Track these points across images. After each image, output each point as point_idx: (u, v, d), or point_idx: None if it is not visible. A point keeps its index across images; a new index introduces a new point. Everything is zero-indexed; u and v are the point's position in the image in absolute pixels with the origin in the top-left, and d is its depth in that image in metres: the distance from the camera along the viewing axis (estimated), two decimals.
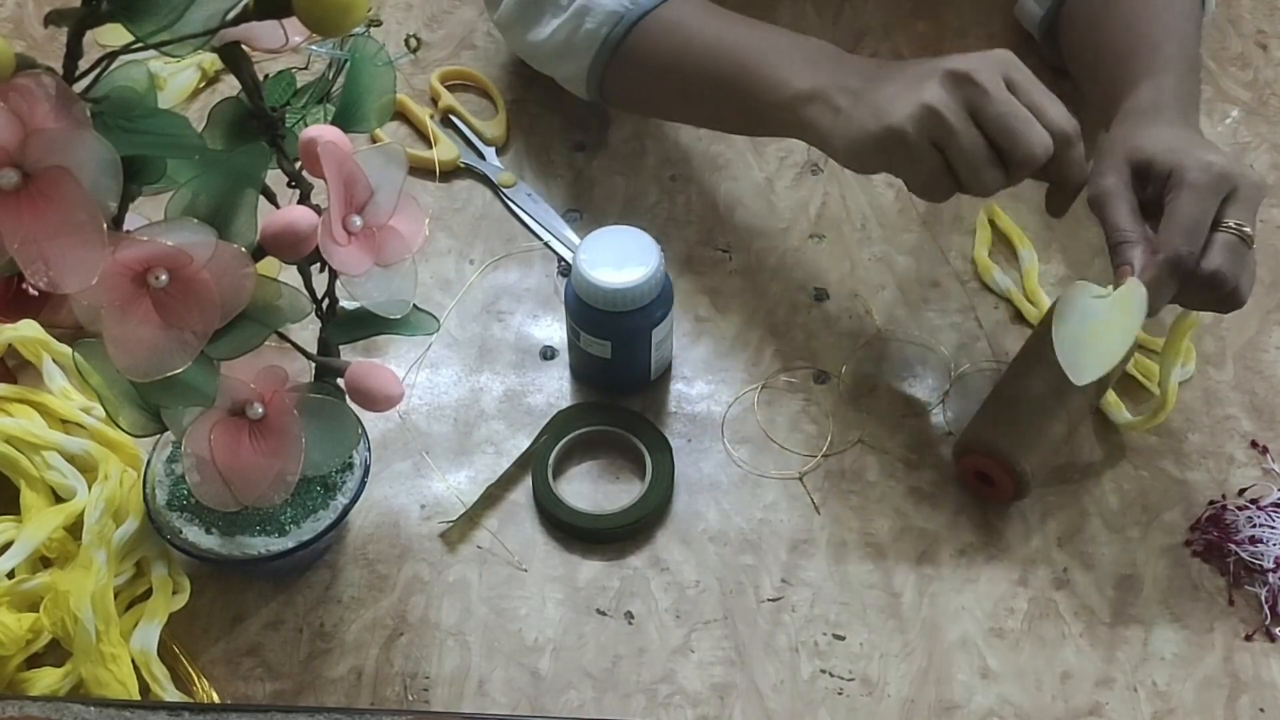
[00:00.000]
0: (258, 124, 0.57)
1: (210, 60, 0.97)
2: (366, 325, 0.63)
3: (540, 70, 0.91)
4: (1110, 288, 0.70)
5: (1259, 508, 0.75)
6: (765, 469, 0.78)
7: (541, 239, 0.89)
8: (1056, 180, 0.72)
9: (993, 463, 0.73)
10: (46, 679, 0.67)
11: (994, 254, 0.88)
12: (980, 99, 0.68)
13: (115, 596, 0.68)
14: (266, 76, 0.59)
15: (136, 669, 0.67)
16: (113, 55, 0.52)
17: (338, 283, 0.62)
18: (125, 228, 0.54)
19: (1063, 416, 0.74)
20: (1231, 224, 0.68)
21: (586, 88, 0.87)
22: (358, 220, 0.57)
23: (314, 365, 0.63)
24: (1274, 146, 0.96)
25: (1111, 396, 0.79)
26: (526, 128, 0.96)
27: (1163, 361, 0.75)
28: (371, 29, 0.61)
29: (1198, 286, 0.69)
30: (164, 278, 0.53)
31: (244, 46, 0.55)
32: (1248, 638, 0.71)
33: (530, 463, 0.77)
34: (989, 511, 0.76)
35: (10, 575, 0.69)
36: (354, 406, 0.63)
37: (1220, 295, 0.69)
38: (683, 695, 0.69)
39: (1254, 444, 0.79)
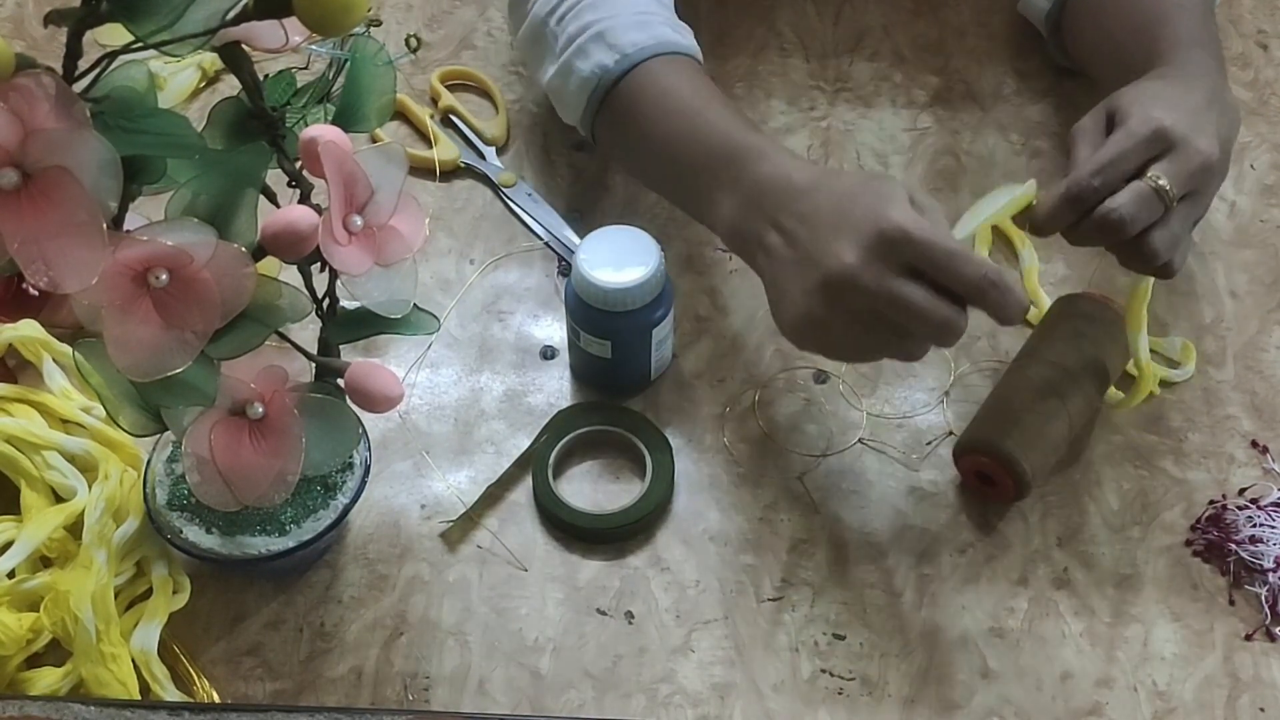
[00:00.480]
0: (258, 124, 0.57)
1: (210, 60, 0.97)
2: (367, 325, 0.63)
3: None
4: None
5: (1259, 507, 0.75)
6: (765, 469, 0.78)
7: (542, 239, 0.89)
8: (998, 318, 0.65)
9: (993, 463, 0.73)
10: (47, 679, 0.67)
11: (994, 254, 0.88)
12: (863, 303, 0.64)
13: (115, 596, 0.68)
14: (267, 76, 0.59)
15: (137, 669, 0.67)
16: (113, 55, 0.52)
17: (338, 282, 0.62)
18: (125, 227, 0.54)
19: (1063, 416, 0.74)
20: (1151, 175, 0.67)
21: (584, 131, 0.85)
22: (358, 220, 0.57)
23: (314, 365, 0.63)
24: (1274, 146, 0.96)
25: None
26: (527, 127, 0.96)
27: (1127, 330, 0.75)
28: (371, 29, 0.61)
29: (1095, 226, 0.67)
30: (164, 277, 0.53)
31: (244, 46, 0.56)
32: (1248, 637, 0.71)
33: (530, 462, 0.78)
34: (989, 511, 0.76)
35: (11, 575, 0.69)
36: (354, 406, 0.63)
37: (1129, 248, 0.68)
38: (683, 695, 0.69)
39: (1254, 444, 0.79)
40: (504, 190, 0.92)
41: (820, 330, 0.67)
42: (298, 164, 0.58)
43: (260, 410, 0.61)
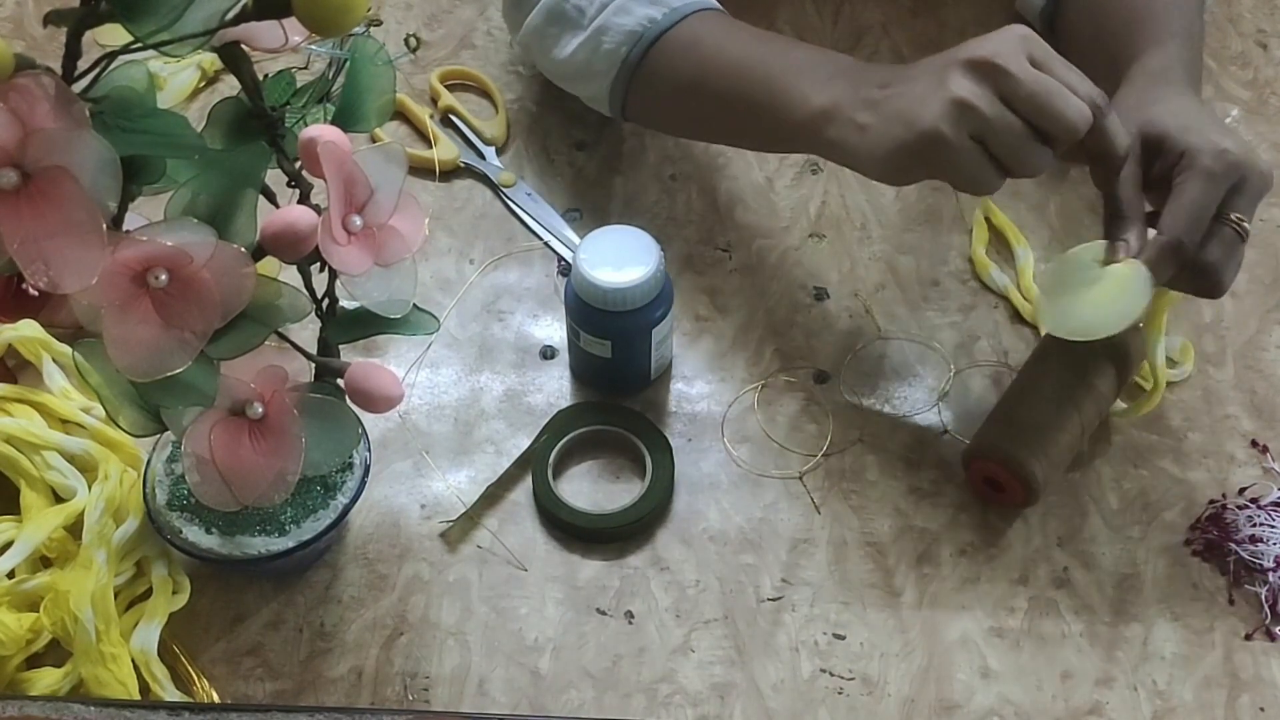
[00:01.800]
0: (257, 124, 0.57)
1: (210, 60, 0.97)
2: (366, 325, 0.63)
3: (565, 89, 0.90)
4: (1103, 255, 0.70)
5: (1259, 507, 0.75)
6: (765, 468, 0.78)
7: (541, 238, 0.89)
8: (1096, 153, 0.69)
9: (1003, 469, 0.73)
10: (47, 679, 0.67)
11: (991, 252, 0.88)
12: (1008, 83, 0.66)
13: (115, 596, 0.68)
14: (266, 76, 0.58)
15: (137, 669, 0.67)
16: (112, 55, 0.52)
17: (338, 282, 0.62)
18: (125, 227, 0.54)
19: (1075, 422, 0.74)
20: (1234, 218, 0.68)
21: (610, 107, 0.86)
22: (358, 220, 0.57)
23: (314, 365, 0.63)
24: (1274, 146, 0.96)
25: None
26: (526, 127, 0.96)
27: (1147, 338, 0.75)
28: (371, 28, 0.61)
29: (1190, 274, 0.69)
30: (164, 277, 0.53)
31: (243, 46, 0.55)
32: (1248, 637, 0.72)
33: (530, 462, 0.77)
34: (989, 511, 0.76)
35: (10, 575, 0.69)
36: (354, 406, 0.63)
37: (1206, 284, 0.70)
38: (683, 695, 0.69)
39: (1254, 443, 0.79)
40: (504, 190, 0.92)
41: (913, 158, 0.68)
42: (297, 164, 0.57)
43: (260, 410, 0.61)
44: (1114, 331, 0.69)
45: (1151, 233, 0.69)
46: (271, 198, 0.59)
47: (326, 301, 0.63)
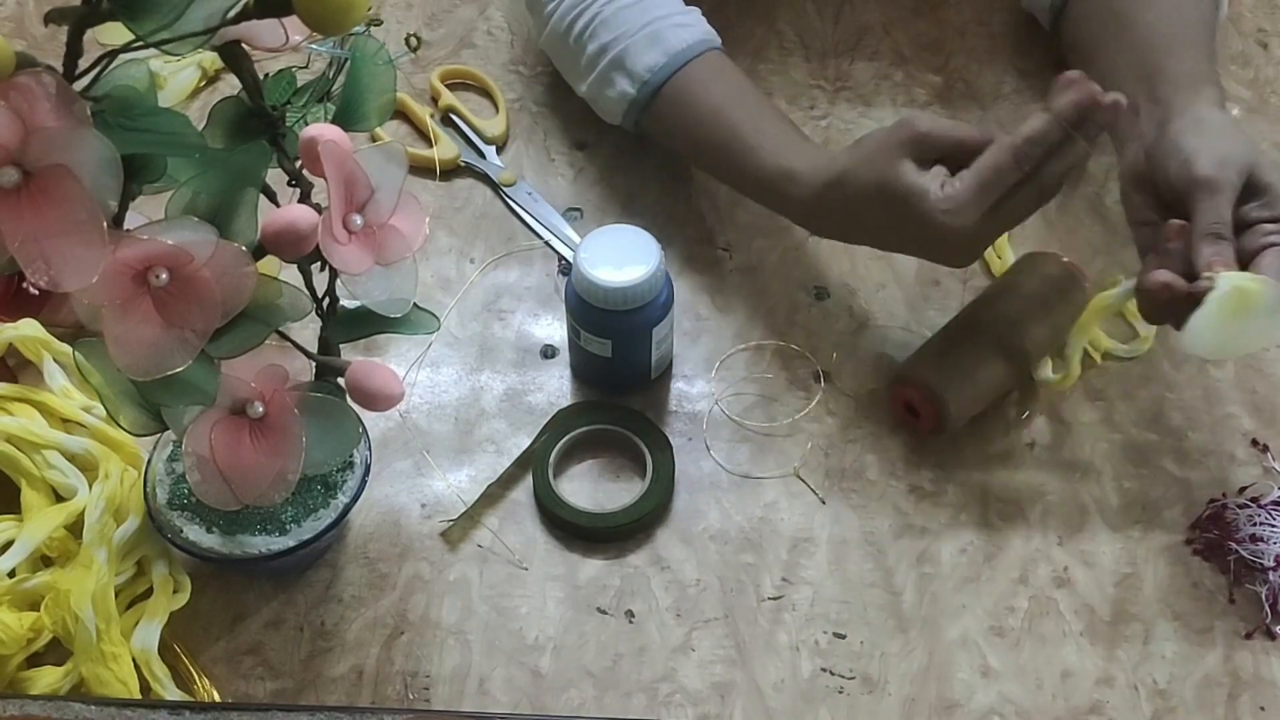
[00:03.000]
0: (258, 123, 0.57)
1: (211, 59, 0.97)
2: (367, 324, 0.63)
3: None
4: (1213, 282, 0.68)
5: (1259, 506, 0.75)
6: (766, 467, 0.78)
7: (542, 238, 0.89)
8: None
9: (920, 395, 0.76)
10: (47, 678, 0.67)
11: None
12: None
13: (116, 595, 0.68)
14: (267, 75, 0.59)
15: (137, 668, 0.67)
16: (113, 54, 0.52)
17: (338, 281, 0.62)
18: (126, 226, 0.54)
19: (998, 363, 0.77)
20: None
21: (630, 130, 0.90)
22: (358, 219, 0.57)
23: (314, 364, 0.63)
24: (1275, 145, 0.96)
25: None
26: (527, 126, 0.96)
27: (1075, 328, 0.76)
28: (372, 28, 0.61)
29: None
30: (164, 276, 0.53)
31: (244, 45, 0.55)
32: (1248, 636, 0.72)
33: (531, 461, 0.78)
34: (990, 509, 0.76)
35: (11, 574, 0.69)
36: (354, 405, 0.63)
37: None
38: (683, 694, 0.69)
39: (1254, 442, 0.79)
40: (504, 189, 0.92)
41: (980, 241, 0.73)
42: (298, 163, 0.57)
43: (260, 409, 0.61)
44: (1252, 348, 0.72)
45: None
46: (272, 197, 0.59)
47: (327, 301, 0.63)
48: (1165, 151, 0.73)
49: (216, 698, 0.68)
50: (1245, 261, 0.69)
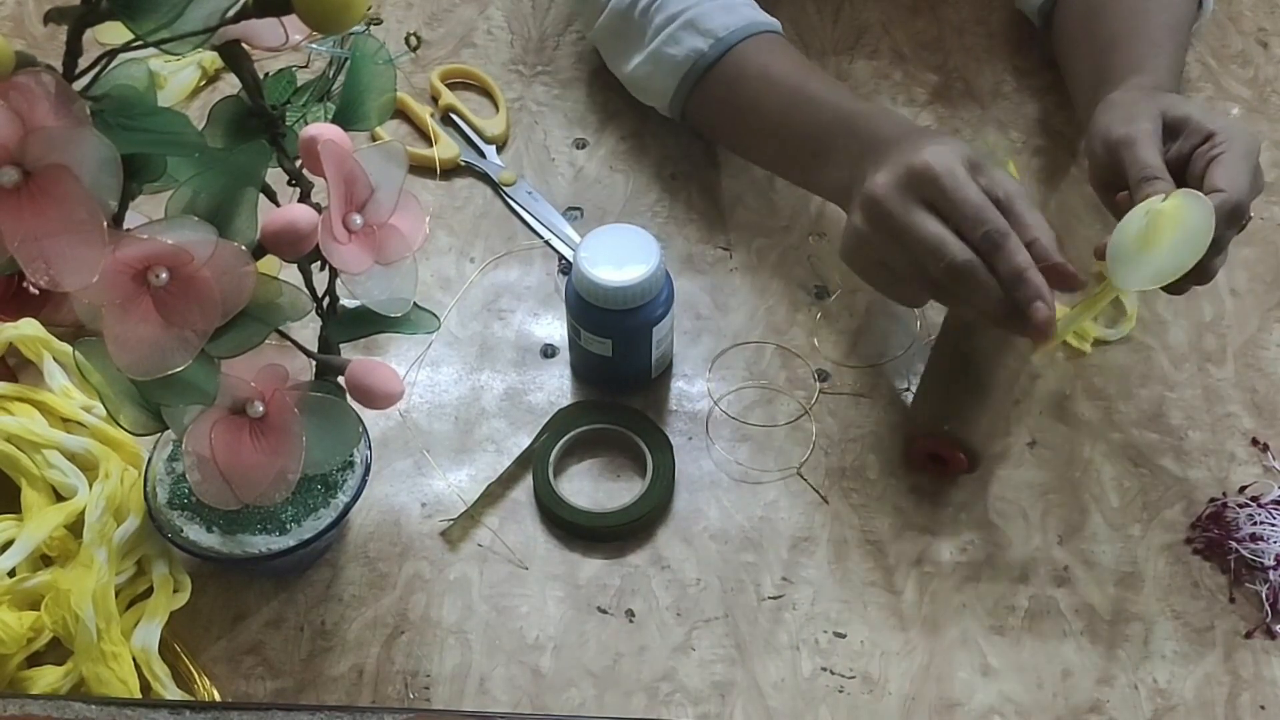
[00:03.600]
0: (258, 122, 0.57)
1: (210, 58, 0.97)
2: (367, 323, 0.63)
3: (634, 96, 0.93)
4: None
5: (1260, 505, 0.75)
6: (766, 467, 0.78)
7: (542, 237, 0.89)
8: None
9: (945, 443, 0.74)
10: (48, 677, 0.67)
11: None
12: (887, 228, 0.70)
13: (116, 595, 0.68)
14: (267, 75, 0.59)
15: (137, 667, 0.67)
16: (113, 53, 0.52)
17: (338, 281, 0.62)
18: (125, 226, 0.54)
19: (1002, 383, 0.76)
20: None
21: (672, 114, 0.90)
22: (358, 218, 0.57)
23: (314, 363, 0.63)
24: (1275, 144, 0.96)
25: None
26: (527, 126, 0.96)
27: (1069, 313, 0.75)
28: (371, 27, 0.61)
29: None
30: (164, 276, 0.53)
31: (244, 44, 0.55)
32: (1248, 635, 0.72)
33: (531, 461, 0.78)
34: (990, 509, 0.76)
35: (11, 574, 0.69)
36: (355, 405, 0.63)
37: (1206, 266, 0.69)
38: (684, 693, 0.69)
39: (1255, 441, 0.79)
40: (504, 189, 0.92)
41: (858, 253, 0.73)
42: (298, 162, 0.57)
43: (260, 409, 0.61)
44: (1173, 273, 0.68)
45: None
46: (272, 196, 0.59)
47: (327, 300, 0.63)
48: (1089, 139, 0.76)
49: (217, 697, 0.68)
50: (1201, 188, 0.69)
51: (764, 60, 0.84)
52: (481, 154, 0.94)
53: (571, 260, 0.76)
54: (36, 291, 0.79)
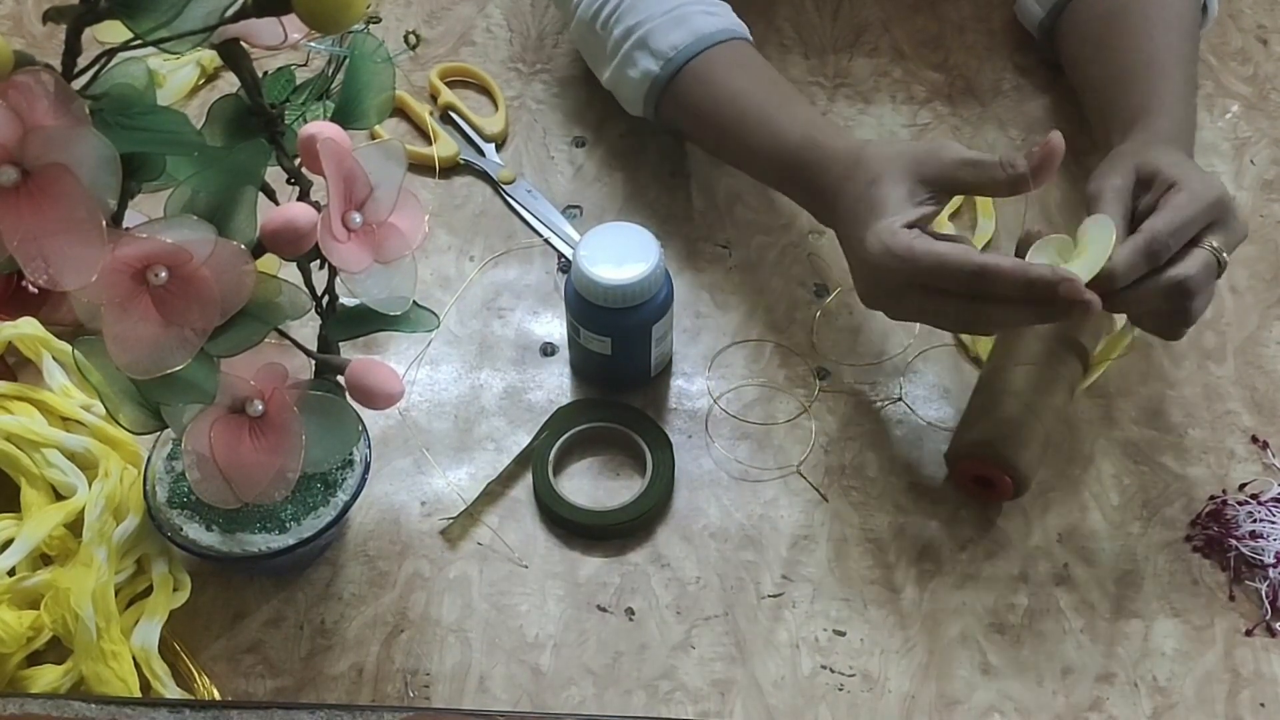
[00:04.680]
0: (257, 121, 0.57)
1: (209, 57, 0.97)
2: (366, 322, 0.63)
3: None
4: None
5: (1259, 503, 0.75)
6: (766, 465, 0.78)
7: (541, 235, 0.89)
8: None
9: (992, 466, 0.73)
10: (47, 676, 0.67)
11: (958, 220, 0.90)
12: (943, 280, 0.69)
13: (116, 594, 0.68)
14: (266, 73, 0.58)
15: (137, 666, 0.67)
16: (112, 52, 0.52)
17: (337, 279, 0.62)
18: (124, 225, 0.54)
19: (1049, 410, 0.74)
20: (1213, 244, 0.69)
21: (656, 125, 0.90)
22: (357, 217, 0.57)
23: (314, 362, 0.63)
24: (1274, 141, 0.96)
25: None
26: (526, 124, 0.96)
27: (1091, 364, 0.77)
28: (370, 25, 0.61)
29: (1160, 289, 0.68)
30: (163, 275, 0.53)
31: (243, 43, 0.55)
32: (1248, 633, 0.72)
33: (531, 459, 0.78)
34: (989, 507, 0.76)
35: (11, 573, 0.69)
36: (354, 403, 0.63)
37: (1173, 310, 0.69)
38: (684, 691, 0.69)
39: (1254, 439, 0.79)
40: (503, 187, 0.92)
41: (885, 308, 0.73)
42: (297, 161, 0.57)
43: (260, 407, 0.61)
44: (1088, 278, 0.68)
45: None
46: (271, 195, 0.59)
47: (326, 299, 0.63)
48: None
49: (217, 696, 0.68)
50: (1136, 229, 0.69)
51: (714, 82, 0.83)
52: (481, 152, 0.94)
53: (571, 258, 0.76)
54: (36, 290, 0.79)
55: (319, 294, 0.62)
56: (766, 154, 0.80)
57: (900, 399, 0.81)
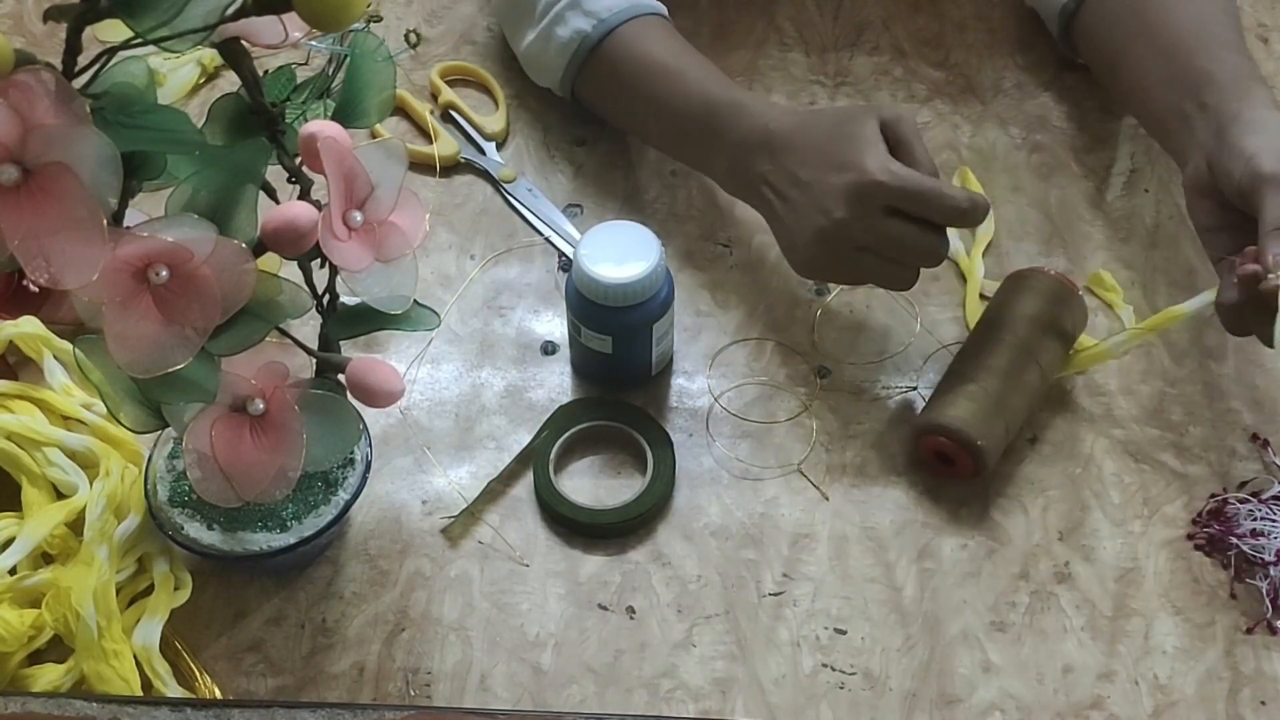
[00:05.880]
0: (258, 120, 0.57)
1: (210, 56, 0.97)
2: (367, 321, 0.63)
3: (529, 76, 0.94)
4: None
5: (1260, 501, 0.75)
6: (767, 463, 0.78)
7: (542, 234, 0.89)
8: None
9: (951, 443, 0.74)
10: (49, 675, 0.67)
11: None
12: (889, 197, 0.72)
13: (117, 593, 0.68)
14: (266, 72, 0.58)
15: (139, 665, 0.67)
16: (112, 51, 0.52)
17: (338, 278, 0.62)
18: (125, 224, 0.54)
19: (1022, 394, 0.75)
20: None
21: (563, 93, 0.91)
22: (358, 216, 0.57)
23: (315, 361, 0.63)
24: None
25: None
26: (527, 123, 0.96)
27: (1137, 327, 0.77)
28: (371, 24, 0.61)
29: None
30: (164, 273, 0.53)
31: (244, 42, 0.55)
32: (1249, 631, 0.72)
33: (531, 458, 0.78)
34: (990, 505, 0.76)
35: (12, 572, 0.69)
36: (355, 402, 0.63)
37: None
38: (684, 690, 0.69)
39: (1255, 437, 0.79)
40: (504, 185, 0.92)
41: (824, 268, 0.77)
42: (297, 160, 0.57)
43: (261, 406, 0.61)
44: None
45: None
46: (272, 194, 0.59)
47: (327, 297, 0.63)
48: (1228, 155, 0.72)
49: (218, 695, 0.68)
50: None
51: (643, 44, 0.85)
52: (481, 151, 0.94)
53: (572, 257, 0.76)
54: (36, 289, 0.79)
55: (320, 293, 0.62)
56: (696, 107, 0.81)
57: (914, 389, 0.81)
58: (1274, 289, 0.66)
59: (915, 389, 0.81)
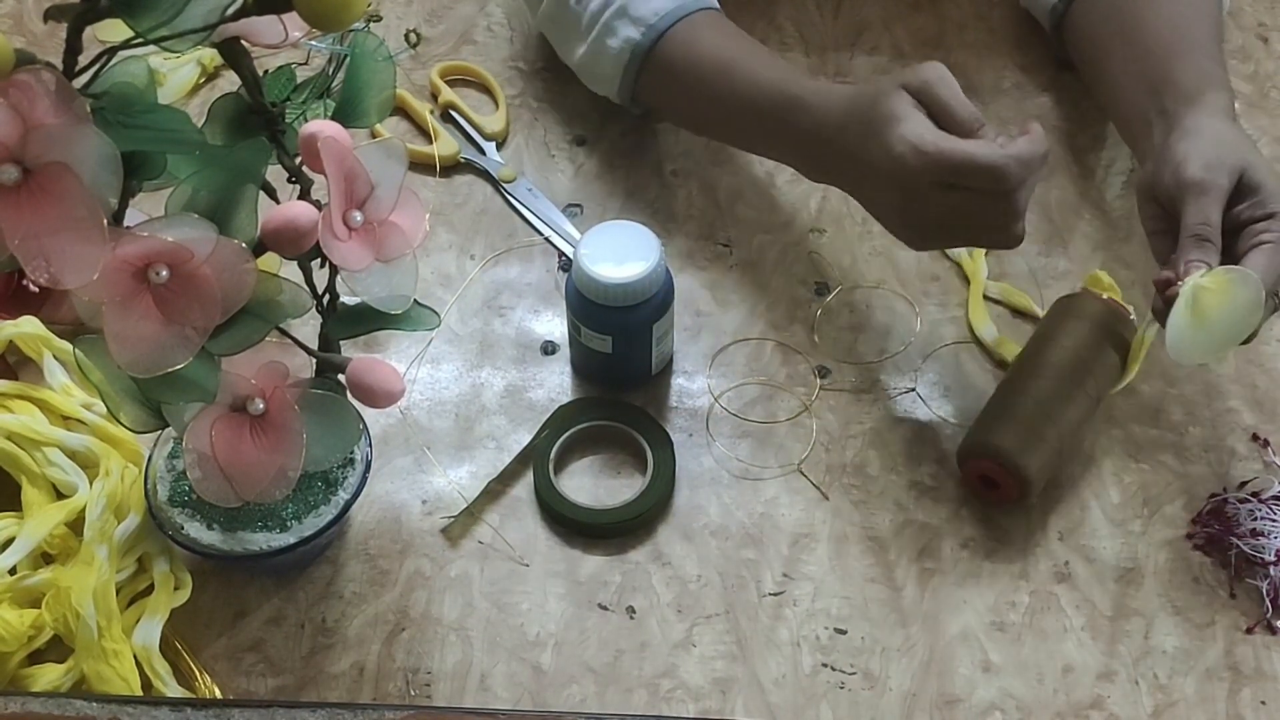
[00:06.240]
0: (258, 119, 0.57)
1: (210, 56, 0.97)
2: (367, 321, 0.63)
3: (588, 86, 0.93)
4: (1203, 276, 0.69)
5: (1260, 500, 0.75)
6: (767, 463, 0.78)
7: (542, 234, 0.89)
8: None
9: (997, 467, 0.73)
10: (49, 675, 0.67)
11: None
12: (936, 216, 0.72)
13: (117, 592, 0.68)
14: (266, 72, 0.58)
15: (138, 665, 0.67)
16: (112, 51, 0.52)
17: (338, 278, 0.62)
18: (125, 223, 0.54)
19: (1066, 419, 0.74)
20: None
21: (623, 103, 0.90)
22: (358, 216, 0.57)
23: (315, 361, 0.63)
24: (1275, 139, 0.96)
25: None
26: (527, 122, 0.96)
27: (1127, 365, 0.77)
28: (371, 24, 0.61)
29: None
30: (164, 273, 0.53)
31: (244, 42, 0.55)
32: (1249, 630, 0.72)
33: (531, 458, 0.78)
34: (990, 505, 0.76)
35: (12, 572, 0.69)
36: (355, 402, 0.63)
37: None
38: (684, 689, 0.69)
39: (1255, 437, 0.79)
40: (504, 185, 0.92)
41: (924, 243, 0.76)
42: (297, 160, 0.57)
43: (261, 406, 0.61)
44: (1227, 345, 0.70)
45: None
46: (272, 193, 0.59)
47: (327, 297, 0.63)
48: (1163, 160, 0.74)
49: (218, 694, 0.68)
50: (1238, 262, 0.69)
51: (696, 47, 0.83)
52: (481, 151, 0.94)
53: (572, 257, 0.76)
54: (36, 289, 0.79)
55: (320, 292, 0.62)
56: (756, 107, 0.80)
57: (914, 389, 0.81)
58: (1175, 295, 0.68)
59: (915, 389, 0.81)
